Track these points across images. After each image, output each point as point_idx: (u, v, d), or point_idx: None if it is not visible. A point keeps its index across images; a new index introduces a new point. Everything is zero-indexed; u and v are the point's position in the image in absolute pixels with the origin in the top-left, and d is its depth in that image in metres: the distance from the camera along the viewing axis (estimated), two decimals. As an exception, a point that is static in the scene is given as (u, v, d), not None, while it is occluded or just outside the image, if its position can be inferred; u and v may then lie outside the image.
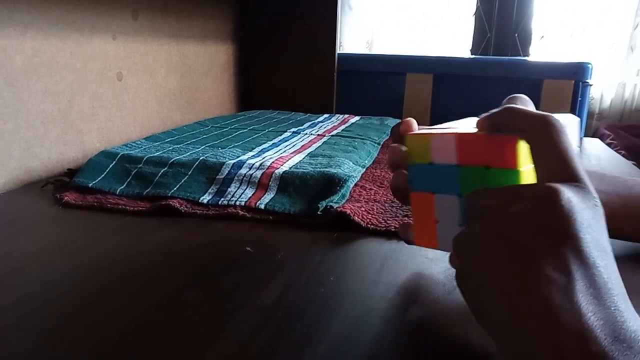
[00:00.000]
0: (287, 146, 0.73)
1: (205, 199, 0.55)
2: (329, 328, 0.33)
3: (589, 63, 1.10)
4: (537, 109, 0.30)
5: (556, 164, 0.27)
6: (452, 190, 0.32)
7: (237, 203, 0.54)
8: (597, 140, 1.05)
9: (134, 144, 0.70)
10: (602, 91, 2.09)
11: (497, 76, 1.16)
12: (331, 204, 0.51)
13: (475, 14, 1.93)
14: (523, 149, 0.29)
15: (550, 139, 0.27)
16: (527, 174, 0.29)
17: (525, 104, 0.34)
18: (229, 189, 0.56)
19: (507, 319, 0.24)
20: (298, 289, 0.38)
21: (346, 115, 1.03)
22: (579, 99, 1.10)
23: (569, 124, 0.33)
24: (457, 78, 1.18)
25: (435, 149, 0.33)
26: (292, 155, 0.67)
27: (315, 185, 0.55)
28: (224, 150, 0.68)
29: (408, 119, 0.38)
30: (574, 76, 1.09)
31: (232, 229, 0.50)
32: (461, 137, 0.31)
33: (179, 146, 0.70)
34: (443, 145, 0.32)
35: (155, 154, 0.64)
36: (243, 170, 0.59)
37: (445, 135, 0.32)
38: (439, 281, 0.39)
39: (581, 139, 1.06)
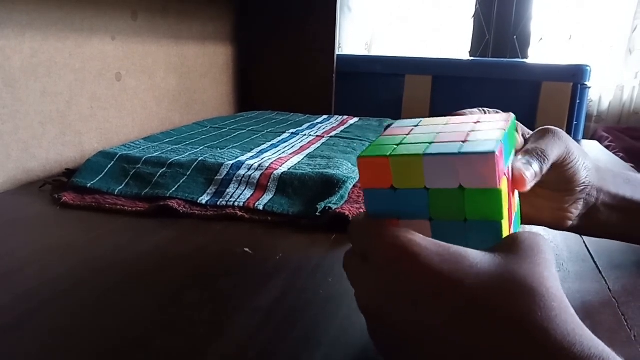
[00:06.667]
0: (286, 147, 0.73)
1: (204, 199, 0.55)
2: (328, 329, 0.33)
3: (587, 65, 1.10)
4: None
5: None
6: (421, 215, 0.29)
7: (236, 204, 0.54)
8: (595, 143, 1.05)
9: (132, 145, 0.70)
10: (601, 94, 2.10)
11: (496, 78, 1.16)
12: (330, 205, 0.51)
13: (474, 16, 1.94)
14: (500, 165, 0.27)
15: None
16: (503, 190, 0.28)
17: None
18: (228, 190, 0.56)
19: None
20: (296, 291, 0.38)
21: (345, 117, 1.03)
22: (578, 101, 1.10)
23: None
24: (456, 80, 1.18)
25: (397, 174, 0.29)
26: (291, 156, 0.67)
27: (314, 186, 0.55)
28: (222, 151, 0.68)
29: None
30: (573, 78, 1.10)
31: (231, 229, 0.50)
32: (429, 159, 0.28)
33: (177, 147, 0.70)
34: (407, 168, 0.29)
35: (153, 155, 0.64)
36: (242, 171, 0.59)
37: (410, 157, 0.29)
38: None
39: (581, 140, 1.07)
